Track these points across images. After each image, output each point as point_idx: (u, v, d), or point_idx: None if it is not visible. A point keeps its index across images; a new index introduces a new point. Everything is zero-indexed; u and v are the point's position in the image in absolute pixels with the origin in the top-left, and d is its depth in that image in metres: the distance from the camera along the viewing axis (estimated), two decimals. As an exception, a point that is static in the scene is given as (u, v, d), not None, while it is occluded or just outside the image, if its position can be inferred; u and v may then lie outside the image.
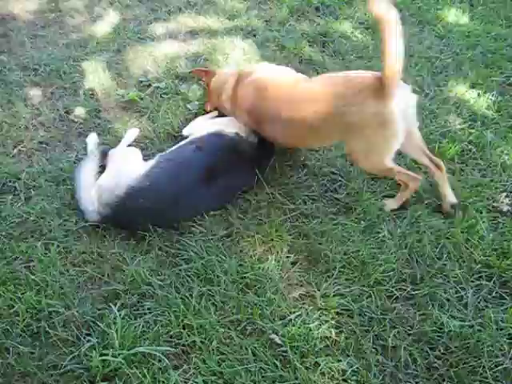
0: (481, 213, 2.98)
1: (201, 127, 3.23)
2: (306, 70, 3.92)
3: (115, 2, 4.66)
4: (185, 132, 3.32)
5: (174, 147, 3.07)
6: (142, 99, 3.67)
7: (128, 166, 2.93)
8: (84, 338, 2.33)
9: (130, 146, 3.27)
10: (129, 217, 2.78)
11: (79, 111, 3.58)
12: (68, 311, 2.43)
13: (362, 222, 2.91)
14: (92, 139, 3.29)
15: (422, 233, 2.87)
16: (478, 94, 3.83)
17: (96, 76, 3.85)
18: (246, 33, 4.31)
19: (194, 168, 2.87)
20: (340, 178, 3.18)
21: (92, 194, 2.84)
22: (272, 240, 2.81)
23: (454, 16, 4.62)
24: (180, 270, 2.63)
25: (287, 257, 2.74)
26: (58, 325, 2.38)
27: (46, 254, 2.68)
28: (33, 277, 2.55)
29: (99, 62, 3.96)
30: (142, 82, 3.85)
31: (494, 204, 3.03)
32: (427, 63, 4.10)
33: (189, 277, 2.60)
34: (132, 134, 3.35)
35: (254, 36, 4.27)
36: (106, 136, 3.37)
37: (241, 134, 3.06)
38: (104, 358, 2.22)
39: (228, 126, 3.09)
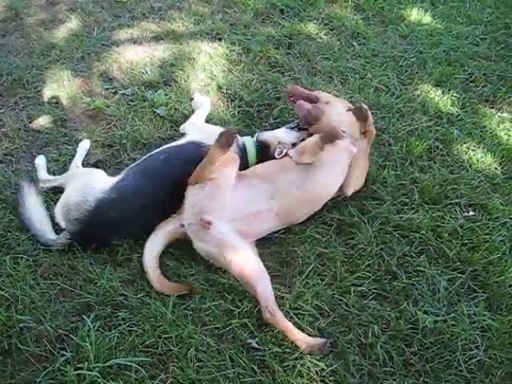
0: (450, 210, 3.04)
1: (192, 128, 3.26)
2: (273, 74, 3.94)
3: (77, 9, 4.58)
4: (181, 129, 3.34)
5: (143, 157, 3.02)
6: (108, 107, 3.61)
7: (94, 181, 2.87)
8: (58, 352, 2.29)
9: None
10: (99, 230, 2.73)
11: (44, 121, 3.50)
12: (40, 326, 2.38)
13: (333, 222, 2.93)
14: (41, 161, 3.20)
15: (393, 231, 2.90)
16: (443, 92, 3.89)
17: (60, 84, 3.78)
18: (211, 37, 4.29)
19: (161, 180, 2.82)
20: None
21: (57, 212, 2.80)
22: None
23: (417, 15, 4.69)
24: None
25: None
26: (30, 340, 2.33)
27: (14, 268, 2.61)
28: (2, 292, 2.49)
29: (63, 70, 3.89)
30: (107, 89, 3.78)
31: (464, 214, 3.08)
32: (392, 62, 4.15)
33: (163, 285, 2.57)
34: (84, 146, 3.28)
35: (220, 40, 4.26)
36: (73, 145, 3.31)
37: None
38: (79, 372, 2.18)
39: (211, 138, 3.05)
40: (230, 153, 2.74)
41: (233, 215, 2.68)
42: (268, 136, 3.13)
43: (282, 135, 3.14)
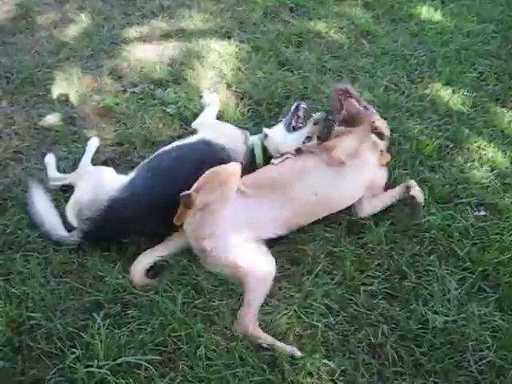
0: (461, 209, 3.02)
1: (203, 126, 3.27)
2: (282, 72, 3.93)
3: (87, 8, 4.59)
4: (193, 125, 3.35)
5: (154, 154, 3.02)
6: (118, 105, 3.62)
7: (105, 179, 2.88)
8: (68, 350, 2.29)
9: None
10: (111, 229, 2.73)
11: (54, 119, 3.51)
12: (50, 323, 2.38)
13: (343, 221, 2.92)
14: (51, 159, 3.20)
15: (403, 230, 2.89)
16: (453, 91, 3.87)
17: (70, 83, 3.79)
18: (220, 35, 4.29)
19: (173, 178, 2.81)
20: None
21: (68, 211, 2.81)
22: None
23: (427, 13, 4.67)
24: (162, 278, 2.61)
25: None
26: (40, 338, 2.33)
27: (25, 265, 2.62)
28: (13, 290, 2.50)
29: (73, 69, 3.90)
30: (117, 87, 3.80)
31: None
32: (402, 61, 4.13)
33: (172, 284, 2.57)
34: (93, 144, 3.28)
35: (229, 38, 4.26)
36: (83, 144, 3.31)
37: (227, 148, 3.01)
38: (89, 369, 2.18)
39: (222, 136, 3.04)
40: (231, 165, 2.70)
41: (236, 226, 2.66)
42: (269, 143, 3.09)
43: (280, 141, 3.08)
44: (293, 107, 3.17)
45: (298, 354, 2.32)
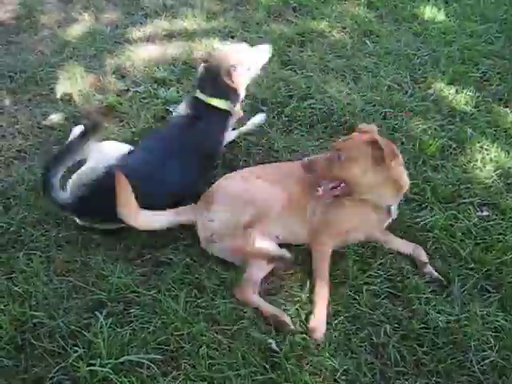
0: (464, 209, 3.02)
1: None
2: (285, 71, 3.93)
3: (90, 7, 4.61)
4: None
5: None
6: (121, 104, 3.63)
7: (106, 149, 2.92)
8: (70, 348, 2.29)
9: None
10: (104, 196, 2.58)
11: (57, 118, 3.52)
12: (53, 322, 2.39)
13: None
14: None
15: (406, 230, 2.88)
16: (456, 91, 3.87)
17: (73, 82, 3.80)
18: (223, 35, 4.30)
19: (166, 141, 2.92)
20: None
21: (71, 181, 2.79)
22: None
23: (430, 13, 4.67)
24: (165, 277, 2.61)
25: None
26: (43, 336, 2.34)
27: (28, 264, 2.63)
28: (15, 288, 2.50)
29: (76, 68, 3.91)
30: (120, 86, 3.80)
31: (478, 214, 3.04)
32: (405, 61, 4.13)
33: (174, 283, 2.58)
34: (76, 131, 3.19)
35: (232, 37, 4.26)
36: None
37: None
38: (91, 368, 2.18)
39: None
40: None
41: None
42: None
43: None
44: None
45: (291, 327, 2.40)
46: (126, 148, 2.98)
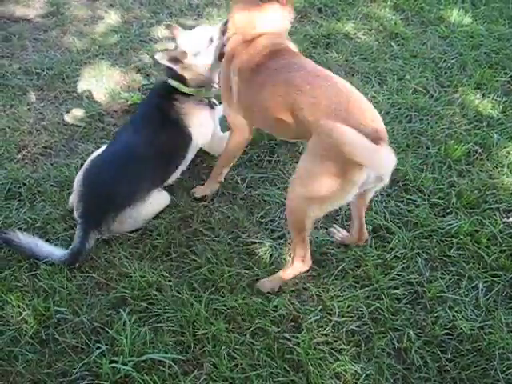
0: (490, 215, 2.98)
1: None
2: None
3: (116, 5, 4.64)
4: None
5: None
6: (145, 102, 3.64)
7: (94, 154, 3.00)
8: (93, 344, 2.31)
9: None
10: (92, 198, 2.74)
11: (79, 113, 3.55)
12: (76, 318, 2.42)
13: (368, 225, 2.89)
14: None
15: (430, 235, 2.86)
16: (483, 95, 3.82)
17: (99, 80, 3.83)
18: (248, 35, 4.28)
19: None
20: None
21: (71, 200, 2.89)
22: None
23: (457, 16, 4.61)
24: (188, 276, 2.62)
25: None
26: (66, 332, 2.37)
27: (52, 259, 2.65)
28: (40, 283, 2.53)
29: (102, 66, 3.94)
30: (145, 85, 3.82)
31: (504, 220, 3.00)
32: (431, 64, 4.09)
33: (197, 282, 2.58)
34: None
35: (257, 38, 4.25)
36: (110, 140, 3.34)
37: None
38: (114, 365, 2.20)
39: None
40: None
41: None
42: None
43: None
44: None
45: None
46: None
